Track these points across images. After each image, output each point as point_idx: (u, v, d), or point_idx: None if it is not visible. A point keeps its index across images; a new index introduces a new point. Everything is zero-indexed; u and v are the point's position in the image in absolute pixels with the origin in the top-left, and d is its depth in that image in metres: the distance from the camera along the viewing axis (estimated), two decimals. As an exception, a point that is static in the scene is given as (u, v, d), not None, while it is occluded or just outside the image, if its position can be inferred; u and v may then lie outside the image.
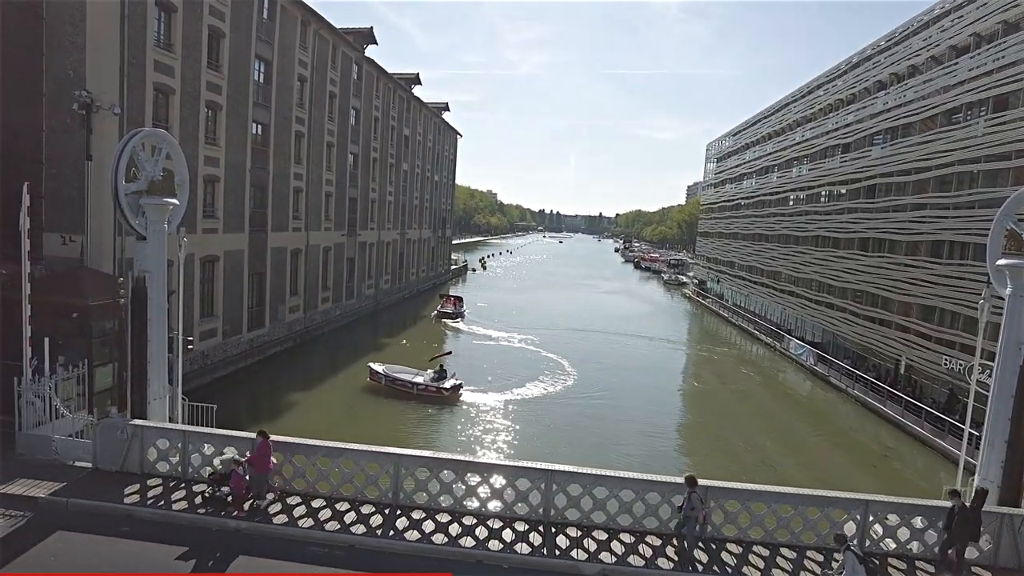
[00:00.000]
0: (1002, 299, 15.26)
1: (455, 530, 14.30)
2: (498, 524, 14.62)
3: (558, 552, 13.75)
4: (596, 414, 34.07)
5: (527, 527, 14.59)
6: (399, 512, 14.87)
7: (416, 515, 14.79)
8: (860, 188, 47.25)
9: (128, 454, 15.95)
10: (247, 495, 14.57)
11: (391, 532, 14.09)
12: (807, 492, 14.94)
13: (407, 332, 54.14)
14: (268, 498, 14.88)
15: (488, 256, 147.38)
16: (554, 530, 14.53)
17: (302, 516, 14.49)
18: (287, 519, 14.35)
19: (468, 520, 14.69)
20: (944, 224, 36.37)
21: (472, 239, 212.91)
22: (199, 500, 14.81)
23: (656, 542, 14.23)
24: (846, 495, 14.92)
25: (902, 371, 38.85)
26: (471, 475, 15.27)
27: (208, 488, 15.01)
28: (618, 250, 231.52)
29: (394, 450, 15.67)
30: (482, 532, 14.29)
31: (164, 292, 17.01)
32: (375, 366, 36.22)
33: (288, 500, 15.12)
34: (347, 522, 14.37)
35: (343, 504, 15.08)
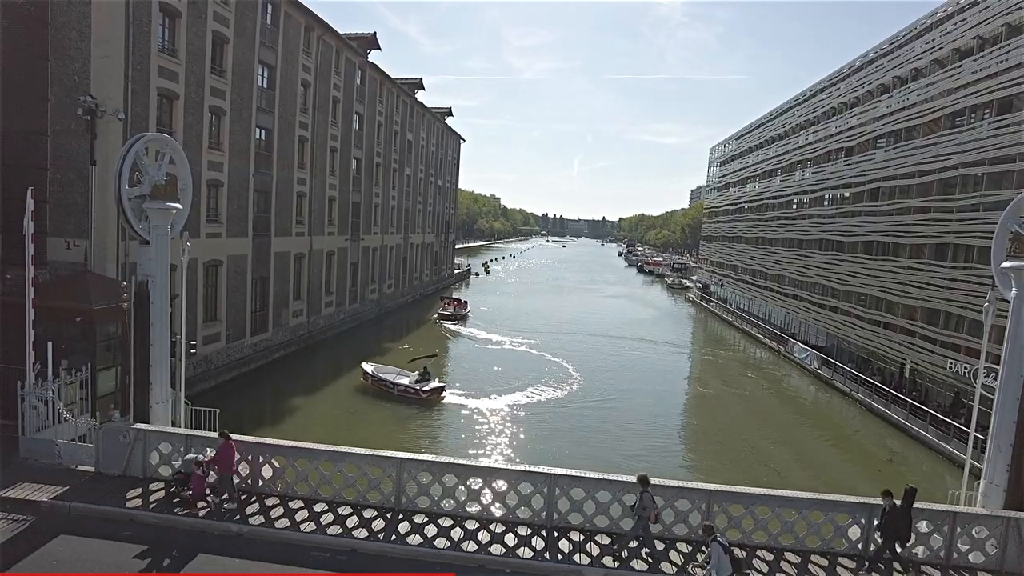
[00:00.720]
0: (1007, 302, 15.19)
1: (457, 534, 14.26)
2: (501, 528, 14.59)
3: (561, 556, 13.70)
4: (600, 418, 34.01)
5: (530, 531, 14.55)
6: (401, 516, 14.86)
7: (419, 519, 14.76)
8: (863, 191, 47.14)
9: (131, 458, 15.97)
10: (206, 495, 14.85)
11: (393, 536, 14.06)
12: (811, 496, 14.88)
13: (410, 336, 54.15)
14: (226, 497, 14.98)
15: (491, 260, 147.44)
16: (557, 534, 14.49)
17: (304, 520, 14.48)
18: (289, 523, 14.34)
19: (471, 524, 14.66)
20: (948, 227, 36.25)
21: (475, 244, 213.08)
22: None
23: (659, 546, 14.15)
24: (850, 499, 14.86)
25: (907, 375, 38.68)
26: (473, 479, 15.24)
27: (171, 488, 15.18)
28: (621, 254, 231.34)
29: (397, 454, 15.66)
30: (484, 536, 14.25)
31: (167, 296, 17.06)
32: (366, 366, 36.93)
33: (291, 504, 15.12)
34: (350, 526, 14.35)
35: (345, 508, 15.07)
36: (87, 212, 23.90)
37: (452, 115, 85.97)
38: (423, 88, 72.02)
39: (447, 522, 14.69)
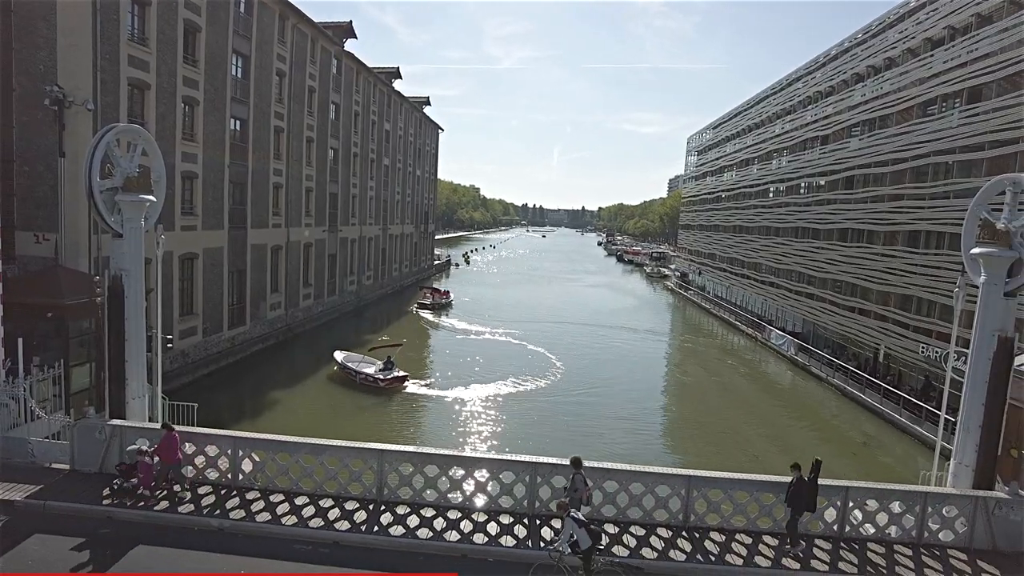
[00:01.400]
0: (976, 287, 15.51)
1: (440, 524, 14.30)
2: (483, 518, 14.65)
3: (543, 544, 13.80)
4: (581, 405, 34.25)
5: (512, 520, 14.64)
6: (383, 508, 14.85)
7: (401, 510, 14.77)
8: (839, 179, 47.79)
9: (107, 455, 15.74)
10: (153, 485, 14.81)
11: (375, 528, 14.06)
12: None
13: (390, 328, 53.88)
14: (176, 488, 15.01)
15: (471, 251, 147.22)
16: (539, 522, 14.59)
17: (285, 514, 14.41)
18: (270, 517, 14.26)
19: (453, 514, 14.70)
20: (921, 214, 36.93)
21: (455, 234, 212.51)
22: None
23: (640, 532, 14.34)
24: (826, 482, 15.09)
25: (881, 359, 39.46)
26: (456, 469, 15.28)
27: (117, 480, 15.06)
28: (601, 244, 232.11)
29: (378, 446, 15.64)
30: (467, 526, 14.31)
31: (142, 290, 16.77)
32: (338, 355, 37.23)
33: (271, 498, 15.03)
34: (331, 519, 14.31)
35: (327, 501, 15.02)
36: (57, 205, 23.43)
37: (430, 104, 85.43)
38: (400, 77, 71.46)
39: (429, 512, 14.72)
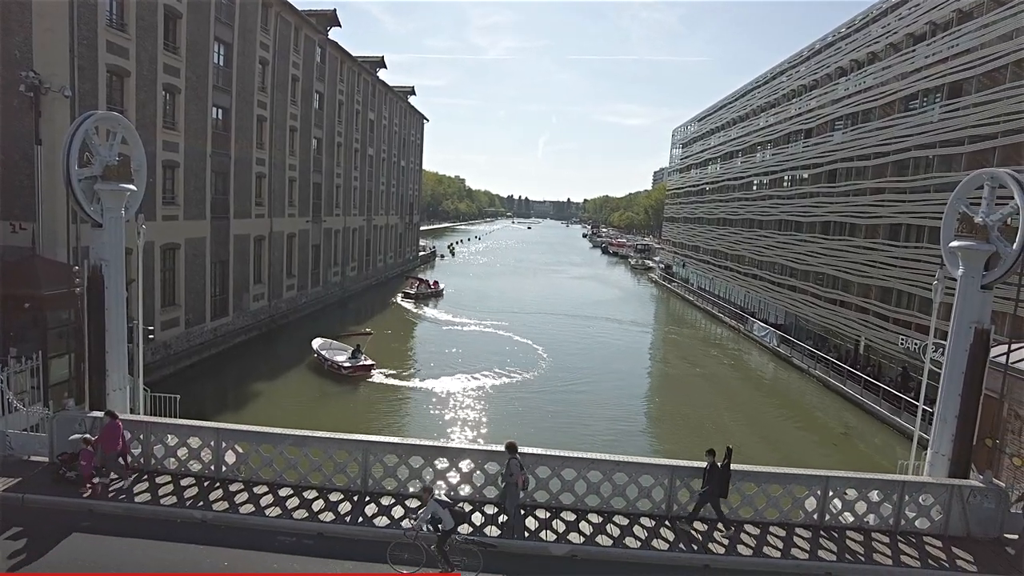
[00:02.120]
0: (955, 280, 15.74)
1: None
2: (468, 508, 14.67)
3: (528, 534, 13.88)
4: (566, 396, 34.41)
5: (497, 510, 14.69)
6: (368, 499, 14.83)
7: (385, 501, 14.77)
8: (822, 173, 48.22)
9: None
10: (94, 474, 14.63)
11: (360, 519, 14.05)
12: (770, 470, 15.31)
13: (374, 320, 53.73)
14: (115, 477, 14.90)
15: (457, 242, 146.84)
16: (524, 512, 14.65)
17: (269, 505, 14.35)
18: (254, 509, 14.19)
19: (438, 505, 14.69)
20: (902, 208, 37.38)
21: (440, 225, 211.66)
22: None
23: (623, 521, 14.46)
24: (807, 472, 15.37)
25: (861, 351, 40.00)
26: (440, 460, 15.29)
27: (59, 469, 14.90)
28: (586, 236, 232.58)
29: (362, 437, 15.60)
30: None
31: (122, 281, 16.53)
32: (316, 342, 37.68)
33: (255, 490, 14.95)
34: (316, 510, 14.27)
35: (311, 492, 14.96)
36: (34, 194, 22.99)
37: (415, 94, 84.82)
38: (384, 67, 70.80)
39: (414, 503, 14.71)
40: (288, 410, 29.11)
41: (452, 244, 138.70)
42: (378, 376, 35.24)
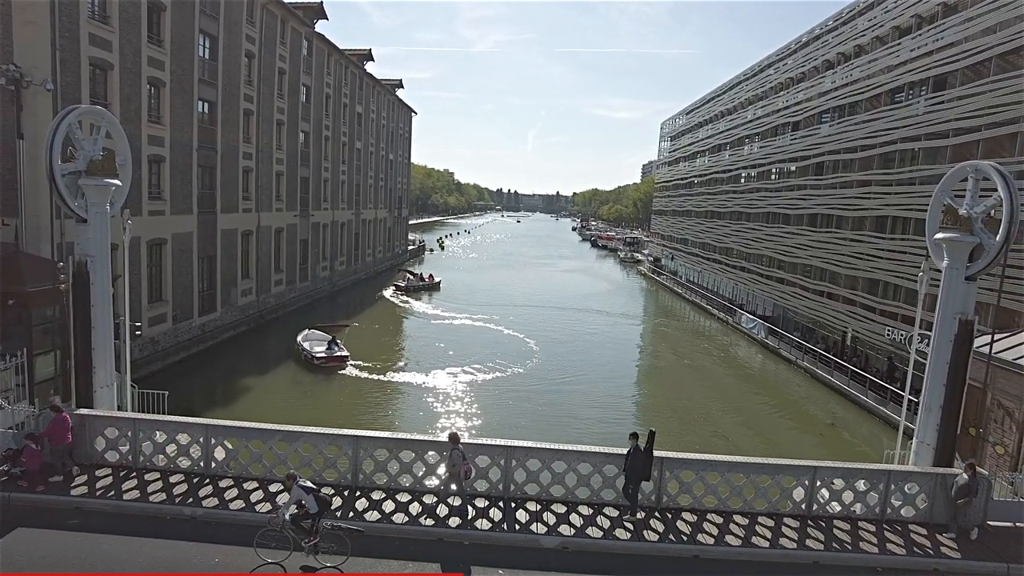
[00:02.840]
0: (940, 272, 15.91)
1: (415, 509, 14.34)
2: (458, 502, 14.70)
3: (518, 527, 13.94)
4: (557, 389, 34.49)
5: (487, 503, 14.74)
6: (359, 493, 14.84)
7: (376, 495, 14.77)
8: (809, 165, 48.50)
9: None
10: (42, 470, 14.54)
11: (351, 514, 14.04)
12: (758, 461, 15.47)
13: (363, 314, 53.54)
14: (71, 471, 14.82)
15: (446, 236, 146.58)
16: (514, 505, 14.72)
17: (260, 501, 14.31)
18: (244, 504, 14.15)
19: (428, 499, 14.73)
20: (888, 200, 37.69)
21: (429, 219, 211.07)
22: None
23: (613, 513, 14.55)
24: (795, 462, 15.52)
25: (848, 342, 40.38)
26: (431, 454, 15.31)
27: (4, 465, 14.76)
28: (575, 229, 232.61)
29: (353, 432, 15.58)
30: (442, 510, 14.36)
31: (108, 277, 16.38)
32: (300, 335, 38.09)
33: (245, 485, 14.90)
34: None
35: (302, 488, 14.92)
36: (16, 189, 22.68)
37: (403, 87, 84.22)
38: (372, 60, 70.34)
39: (405, 497, 14.75)
40: (276, 405, 29.03)
41: (441, 238, 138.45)
42: (364, 371, 35.12)
